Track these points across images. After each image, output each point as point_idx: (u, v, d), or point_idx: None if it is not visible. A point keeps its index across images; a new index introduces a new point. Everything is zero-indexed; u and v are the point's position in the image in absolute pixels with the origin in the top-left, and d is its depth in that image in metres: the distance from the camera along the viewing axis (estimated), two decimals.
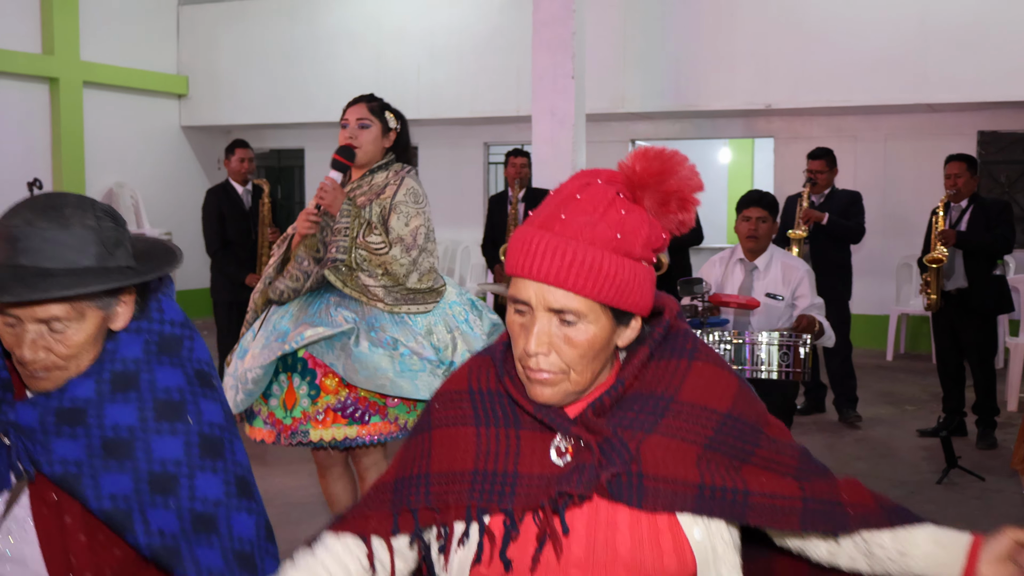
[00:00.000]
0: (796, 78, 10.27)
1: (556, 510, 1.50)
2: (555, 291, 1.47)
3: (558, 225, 1.48)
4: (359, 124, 3.87)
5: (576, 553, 1.51)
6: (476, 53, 11.81)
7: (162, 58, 13.45)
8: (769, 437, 1.62)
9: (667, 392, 1.57)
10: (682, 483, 1.51)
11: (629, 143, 12.30)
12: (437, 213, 13.86)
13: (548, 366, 1.50)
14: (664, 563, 1.50)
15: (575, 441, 1.55)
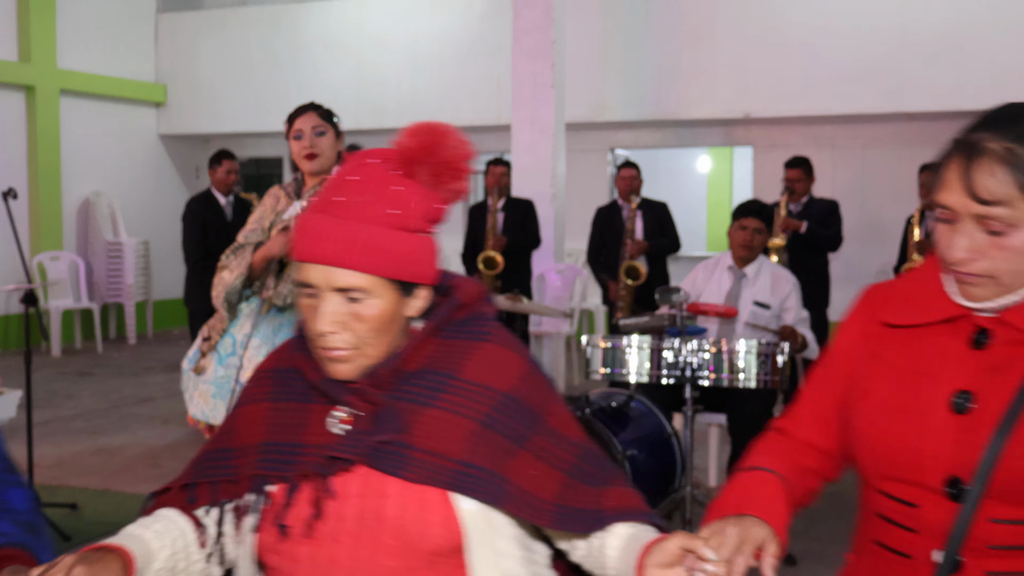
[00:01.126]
0: (775, 87, 10.31)
1: (323, 473, 1.56)
2: (338, 271, 1.52)
3: (335, 208, 1.53)
4: (316, 132, 3.87)
5: (348, 520, 1.55)
6: (456, 61, 11.81)
7: (140, 66, 13.38)
8: (549, 427, 1.64)
9: (449, 369, 1.61)
10: (445, 458, 1.54)
11: (609, 152, 12.32)
12: None
13: (341, 343, 1.55)
14: (429, 531, 1.54)
15: (353, 412, 1.60)
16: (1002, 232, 1.46)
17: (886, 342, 1.65)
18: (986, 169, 1.46)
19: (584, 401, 4.83)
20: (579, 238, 11.01)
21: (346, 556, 1.55)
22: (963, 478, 1.49)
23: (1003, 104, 1.56)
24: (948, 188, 1.50)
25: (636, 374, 4.88)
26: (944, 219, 1.52)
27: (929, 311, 1.60)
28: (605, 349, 4.95)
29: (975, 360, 1.55)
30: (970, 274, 1.50)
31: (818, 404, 1.74)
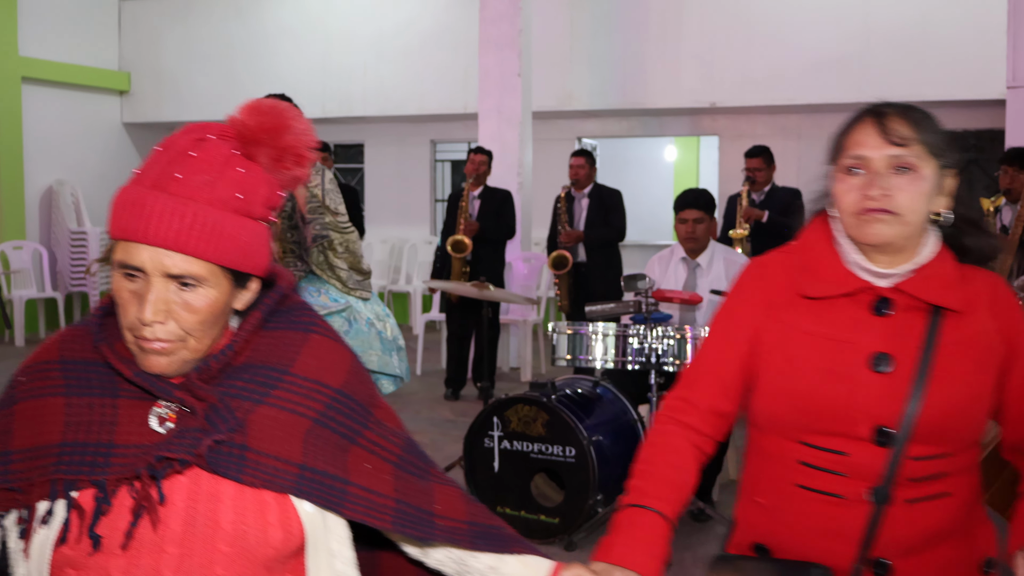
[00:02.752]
0: (741, 77, 10.37)
1: (154, 477, 1.39)
2: (173, 256, 1.38)
3: (174, 185, 1.38)
4: None
5: (174, 528, 1.41)
6: (423, 50, 11.78)
7: (103, 54, 13.25)
8: (377, 420, 1.59)
9: (281, 364, 1.50)
10: (284, 461, 1.44)
11: (576, 141, 12.34)
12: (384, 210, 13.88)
13: (165, 335, 1.40)
14: (269, 536, 1.44)
15: (178, 407, 1.45)
16: (910, 168, 1.74)
17: (800, 312, 1.84)
18: (895, 121, 1.76)
19: (550, 388, 4.86)
20: (546, 227, 11.04)
21: (170, 568, 1.41)
22: (889, 426, 1.74)
23: None
24: (863, 142, 1.77)
25: (601, 361, 4.92)
26: (854, 169, 1.78)
27: (835, 285, 1.82)
28: (571, 336, 4.98)
29: (882, 326, 1.79)
30: (884, 210, 1.74)
31: (720, 371, 1.90)
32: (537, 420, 4.72)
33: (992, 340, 1.79)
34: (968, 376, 1.77)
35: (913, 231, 1.77)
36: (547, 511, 4.74)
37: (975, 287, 1.81)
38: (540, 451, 4.72)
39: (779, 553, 1.86)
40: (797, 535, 1.83)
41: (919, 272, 1.79)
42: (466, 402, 8.05)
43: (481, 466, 4.86)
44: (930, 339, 1.76)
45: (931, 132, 1.77)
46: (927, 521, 1.77)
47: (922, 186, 1.75)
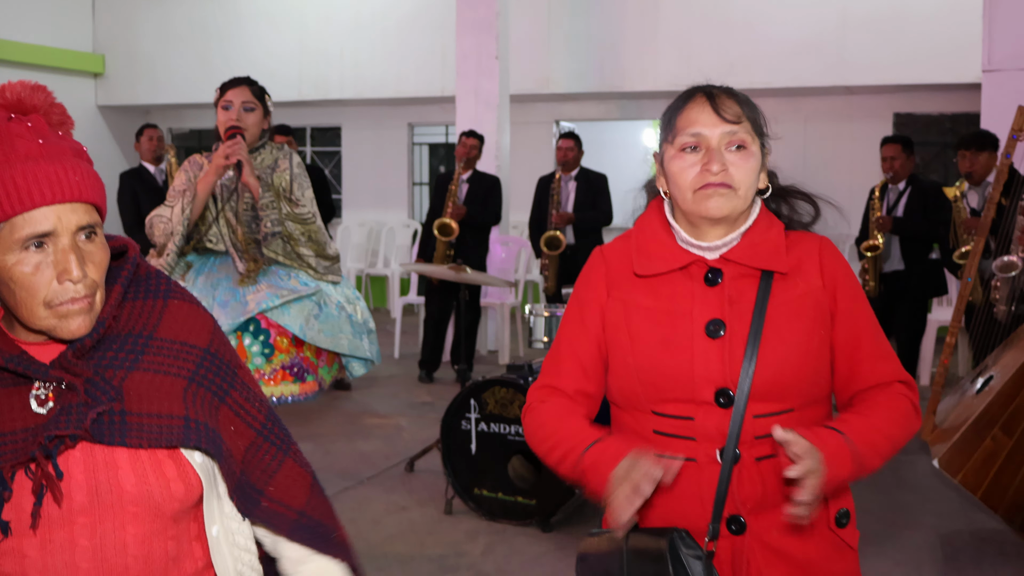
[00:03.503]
0: (718, 61, 10.37)
1: (48, 456, 1.42)
2: (77, 208, 1.44)
3: (41, 150, 1.44)
4: (244, 107, 3.92)
5: (79, 500, 1.46)
6: (400, 33, 11.74)
7: (77, 36, 13.13)
8: (243, 381, 1.65)
9: (145, 330, 1.55)
10: (168, 416, 1.50)
11: (554, 124, 12.34)
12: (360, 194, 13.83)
13: (86, 289, 1.45)
14: (172, 491, 1.50)
15: (55, 386, 1.48)
16: (743, 146, 1.85)
17: (637, 290, 1.94)
18: (725, 100, 1.87)
19: (527, 370, 4.87)
20: (524, 210, 11.02)
21: (84, 536, 1.47)
22: (730, 388, 1.83)
23: None
24: (698, 120, 1.86)
25: None
26: (689, 148, 1.87)
27: (667, 261, 1.91)
28: (547, 318, 4.99)
29: (714, 295, 1.88)
30: (721, 184, 1.83)
31: (580, 355, 1.97)
32: (514, 402, 4.73)
33: (820, 297, 1.89)
34: (799, 334, 1.85)
35: (745, 205, 1.88)
36: (524, 493, 4.75)
37: (802, 249, 1.92)
38: (517, 433, 4.73)
39: (644, 522, 1.91)
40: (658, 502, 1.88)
41: (744, 240, 1.89)
42: (443, 385, 8.06)
43: (458, 448, 4.87)
44: (760, 302, 1.86)
45: (755, 112, 1.90)
46: (777, 477, 1.83)
47: (752, 162, 1.87)
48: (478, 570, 4.32)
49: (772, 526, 1.86)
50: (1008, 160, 4.73)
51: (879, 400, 1.88)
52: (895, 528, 4.81)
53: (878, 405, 1.87)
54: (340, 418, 6.98)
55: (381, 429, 6.70)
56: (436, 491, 5.20)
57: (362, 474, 5.66)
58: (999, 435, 4.19)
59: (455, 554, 4.49)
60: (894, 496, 5.25)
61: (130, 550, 1.49)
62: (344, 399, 7.61)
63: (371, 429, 6.70)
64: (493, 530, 4.75)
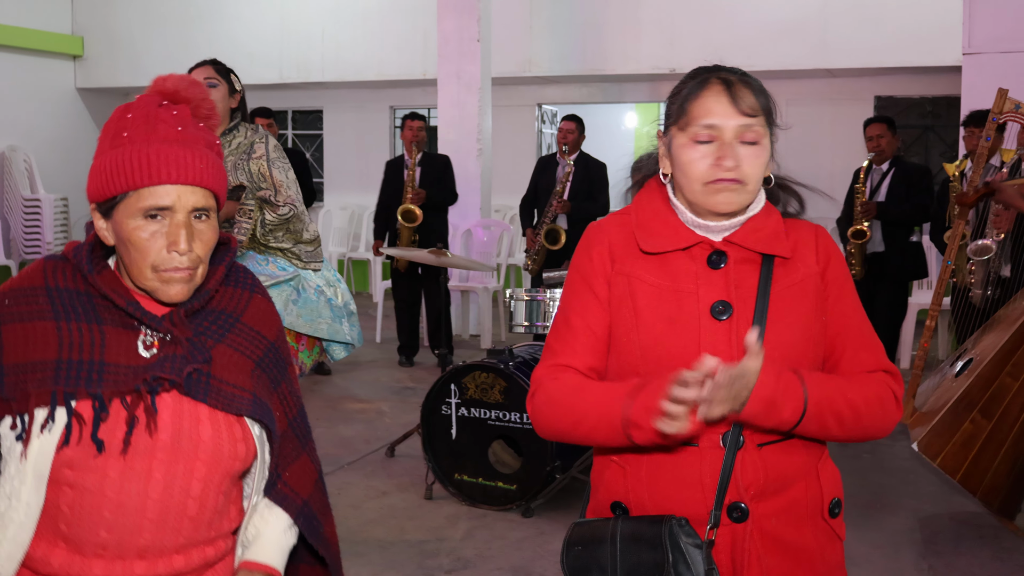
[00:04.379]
0: (700, 43, 10.34)
1: (151, 392, 1.66)
2: (196, 191, 1.66)
3: (177, 135, 1.67)
4: (207, 83, 3.90)
5: (162, 439, 1.67)
6: (381, 15, 11.67)
7: (56, 17, 12.99)
8: (290, 377, 1.90)
9: (235, 313, 1.81)
10: (241, 388, 1.74)
11: (536, 107, 12.30)
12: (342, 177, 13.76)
13: (189, 262, 1.67)
14: (237, 450, 1.73)
15: (162, 336, 1.71)
16: (756, 142, 1.81)
17: (641, 266, 1.89)
18: (743, 90, 1.81)
19: (508, 354, 4.86)
20: (507, 193, 11.01)
21: (160, 471, 1.67)
22: None
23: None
24: (714, 111, 1.80)
25: None
26: (703, 140, 1.81)
27: (671, 240, 1.87)
28: (528, 302, 4.98)
29: (719, 277, 1.85)
30: (734, 180, 1.79)
31: (589, 331, 1.91)
32: (495, 387, 4.72)
33: (817, 283, 1.88)
34: (803, 318, 1.85)
35: (753, 198, 1.86)
36: (505, 478, 4.75)
37: (799, 235, 1.91)
38: (498, 418, 4.72)
39: (637, 510, 1.88)
40: (655, 489, 1.86)
41: (747, 225, 1.87)
42: (424, 369, 8.05)
43: (439, 433, 4.86)
44: (763, 285, 1.84)
45: (769, 100, 1.86)
46: (778, 463, 1.83)
47: (764, 156, 1.84)
48: (458, 555, 4.32)
49: (772, 513, 1.84)
50: (988, 143, 4.74)
51: (856, 376, 1.87)
52: (874, 511, 4.83)
53: (853, 377, 1.86)
54: (321, 402, 6.96)
55: (362, 414, 6.68)
56: (417, 476, 5.20)
57: (342, 459, 5.64)
58: (978, 418, 4.20)
59: (435, 539, 4.49)
60: (873, 479, 5.27)
61: (192, 491, 1.70)
62: (325, 383, 7.59)
63: (352, 414, 6.68)
64: (474, 515, 4.74)
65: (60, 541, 1.68)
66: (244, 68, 4.10)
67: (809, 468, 1.89)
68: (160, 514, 1.68)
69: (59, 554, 1.68)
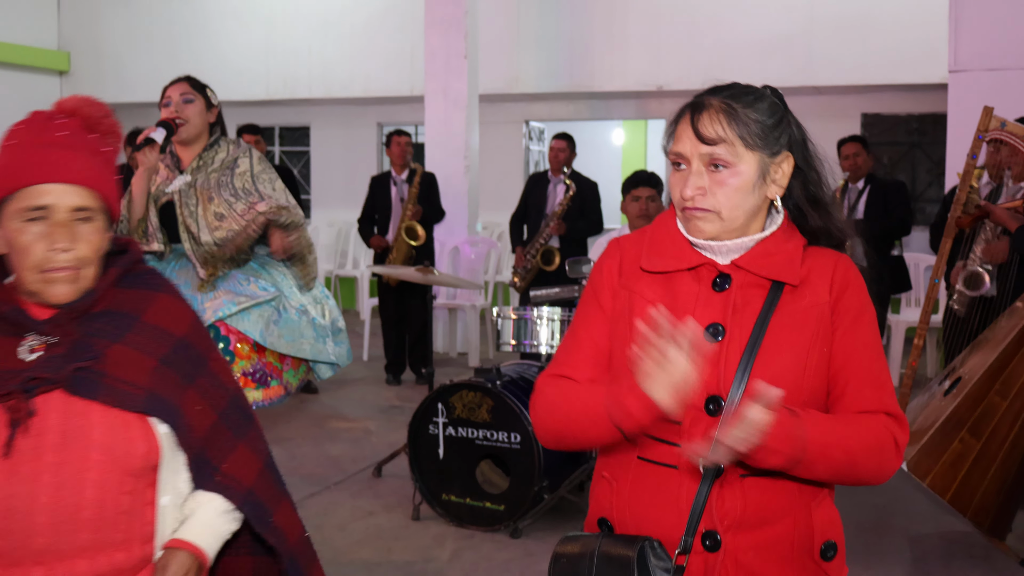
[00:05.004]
0: (687, 60, 10.39)
1: (26, 392, 1.69)
2: (75, 190, 1.73)
3: (60, 141, 1.75)
4: (183, 99, 3.92)
5: (50, 440, 1.69)
6: (368, 32, 11.67)
7: (42, 33, 12.97)
8: (211, 371, 1.92)
9: (133, 312, 1.84)
10: (135, 386, 1.76)
11: (523, 123, 12.30)
12: (329, 194, 13.74)
13: (71, 261, 1.73)
14: (133, 448, 1.75)
15: (45, 341, 1.75)
16: (724, 167, 1.78)
17: (644, 284, 1.88)
18: (709, 117, 1.79)
19: (495, 373, 4.83)
20: (494, 210, 11.01)
21: (49, 472, 1.69)
22: (721, 396, 1.77)
23: (729, 82, 1.88)
24: (680, 138, 1.82)
25: (547, 346, 4.89)
26: (676, 165, 1.83)
27: (677, 260, 1.86)
28: (516, 321, 4.95)
29: (719, 300, 1.83)
30: (698, 208, 1.79)
31: (592, 344, 1.92)
32: (482, 406, 4.69)
33: (823, 312, 1.82)
34: (798, 348, 1.79)
35: (736, 225, 1.81)
36: (493, 498, 4.71)
37: (816, 262, 1.86)
38: (485, 437, 4.69)
39: (620, 527, 1.88)
40: (635, 508, 1.85)
41: (758, 247, 1.83)
42: (411, 388, 8.01)
43: (426, 453, 4.82)
44: (764, 312, 1.80)
45: (749, 124, 1.79)
46: (761, 497, 1.79)
47: (737, 181, 1.79)
48: None
49: (749, 547, 1.79)
50: (973, 160, 4.74)
51: (858, 418, 1.79)
52: (864, 532, 4.81)
53: (853, 419, 1.78)
54: (307, 421, 6.91)
55: (349, 433, 6.64)
56: (404, 496, 5.15)
57: (329, 479, 5.60)
58: (967, 437, 4.19)
59: (423, 560, 4.44)
60: (863, 499, 5.24)
61: (86, 493, 1.70)
62: (312, 402, 7.54)
63: (338, 433, 6.64)
64: (461, 536, 4.70)
65: None
66: (230, 84, 4.12)
67: (798, 506, 1.82)
68: (53, 517, 1.69)
69: None
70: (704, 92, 1.85)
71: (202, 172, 3.91)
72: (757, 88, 1.87)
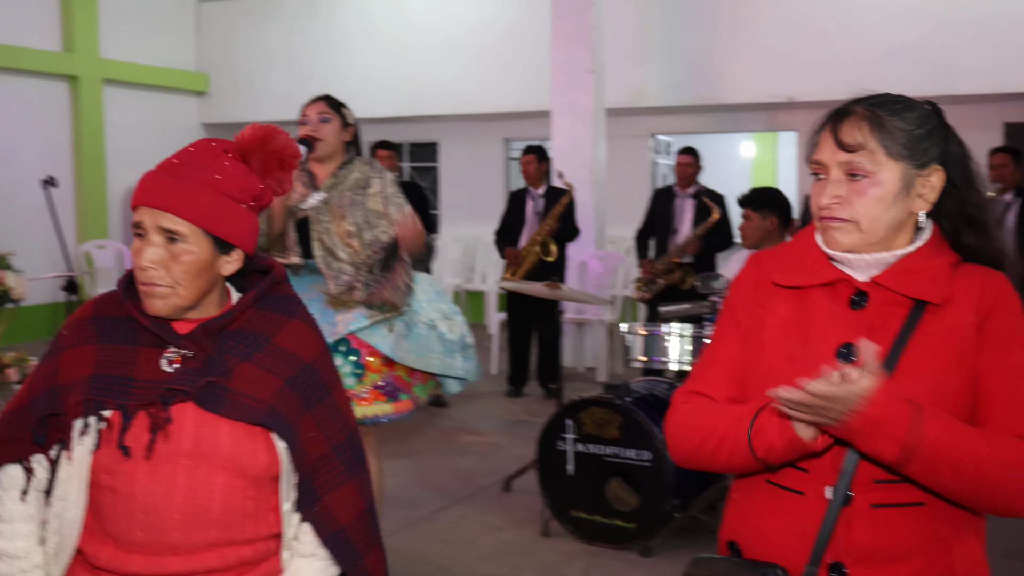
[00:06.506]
0: (818, 70, 10.15)
1: (164, 403, 1.83)
2: (166, 215, 1.81)
3: (171, 168, 1.85)
4: (320, 118, 4.01)
5: (184, 445, 1.83)
6: (495, 48, 11.75)
7: (182, 55, 13.45)
8: (334, 401, 2.01)
9: (266, 334, 1.95)
10: (258, 401, 1.87)
11: (650, 137, 12.22)
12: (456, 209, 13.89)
13: (159, 279, 1.82)
14: (257, 459, 1.87)
15: (183, 354, 1.88)
16: (863, 176, 1.72)
17: (779, 299, 1.84)
18: (851, 124, 1.74)
19: (624, 390, 4.79)
20: (621, 224, 10.95)
21: (183, 474, 1.84)
22: None
23: (881, 92, 1.83)
24: (820, 146, 1.78)
25: (677, 362, 4.83)
26: (817, 175, 1.79)
27: (813, 275, 1.80)
28: (645, 337, 4.91)
29: (855, 319, 1.75)
30: (834, 218, 1.74)
31: (729, 362, 1.88)
32: (611, 422, 4.66)
33: (967, 333, 1.71)
34: (938, 372, 1.69)
35: (876, 238, 1.74)
36: (623, 516, 4.67)
37: (965, 281, 1.75)
38: (615, 454, 4.66)
39: (748, 551, 1.82)
40: (762, 532, 1.80)
41: (900, 264, 1.75)
42: (539, 402, 8.02)
43: (555, 469, 4.81)
44: (904, 333, 1.71)
45: (894, 132, 1.73)
46: (893, 530, 1.69)
47: (877, 191, 1.73)
48: None
49: None
50: None
51: (999, 436, 1.65)
52: (1012, 558, 4.59)
53: (992, 434, 1.65)
54: (437, 435, 6.98)
55: (478, 447, 6.68)
56: (533, 512, 5.15)
57: (459, 493, 5.63)
58: None
59: None
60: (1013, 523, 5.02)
61: (215, 495, 1.85)
62: (441, 416, 7.61)
63: (467, 447, 6.68)
64: (591, 553, 4.67)
65: (107, 539, 1.86)
66: (359, 102, 4.18)
67: (936, 543, 1.71)
68: (185, 515, 1.84)
69: (106, 551, 1.86)
70: (851, 100, 1.80)
71: (336, 190, 3.99)
72: (910, 98, 1.80)
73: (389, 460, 5.22)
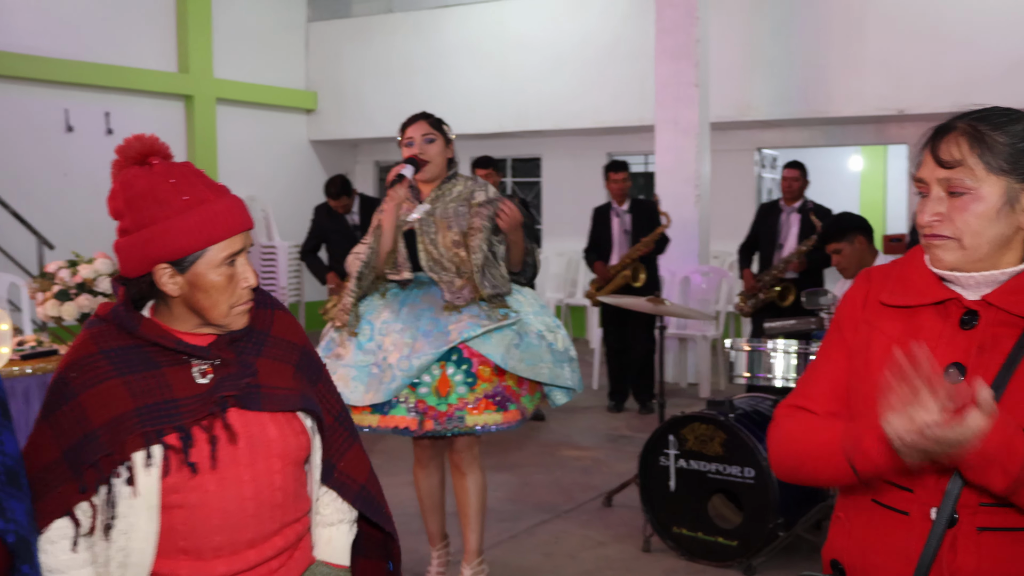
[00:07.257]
0: (930, 81, 9.92)
1: (223, 410, 1.93)
2: (247, 233, 1.95)
3: (219, 190, 1.94)
4: (425, 139, 4.07)
5: (242, 447, 1.95)
6: (599, 63, 11.76)
7: (292, 74, 13.77)
8: (326, 377, 2.20)
9: (264, 329, 2.09)
10: (288, 388, 2.04)
11: (755, 151, 12.08)
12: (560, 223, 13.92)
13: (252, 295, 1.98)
14: (300, 441, 2.04)
15: (212, 363, 1.97)
16: (964, 193, 1.69)
17: (888, 318, 1.81)
18: (950, 140, 1.71)
19: (728, 406, 4.74)
20: (724, 240, 10.85)
21: (248, 474, 1.96)
22: None
23: (988, 106, 1.79)
24: (922, 163, 1.76)
25: (782, 379, 4.77)
26: (921, 192, 1.77)
27: (922, 294, 1.77)
28: (749, 353, 4.85)
29: (965, 339, 1.71)
30: (936, 235, 1.71)
31: (833, 378, 1.86)
32: (714, 439, 4.61)
33: None
34: None
35: (980, 255, 1.70)
36: (725, 533, 4.62)
37: None
38: (718, 471, 4.61)
39: (851, 571, 1.80)
40: (865, 552, 1.77)
41: (1012, 283, 1.70)
42: (640, 417, 7.97)
43: (656, 484, 4.78)
44: (1014, 354, 1.66)
45: (995, 147, 1.68)
46: (999, 555, 1.65)
47: (979, 208, 1.68)
48: None
49: None
50: None
51: None
52: None
53: None
54: (537, 449, 6.99)
55: (578, 461, 6.67)
56: (634, 527, 5.13)
57: (560, 507, 5.63)
58: None
59: None
60: None
61: (276, 483, 2.00)
62: (541, 429, 7.62)
63: (568, 461, 6.68)
64: (692, 570, 4.63)
65: (181, 555, 1.94)
66: (464, 118, 4.26)
67: None
68: (256, 508, 1.97)
69: (184, 565, 1.95)
70: (955, 115, 1.77)
71: (440, 202, 4.06)
72: (1017, 111, 1.74)
73: (491, 473, 5.25)
